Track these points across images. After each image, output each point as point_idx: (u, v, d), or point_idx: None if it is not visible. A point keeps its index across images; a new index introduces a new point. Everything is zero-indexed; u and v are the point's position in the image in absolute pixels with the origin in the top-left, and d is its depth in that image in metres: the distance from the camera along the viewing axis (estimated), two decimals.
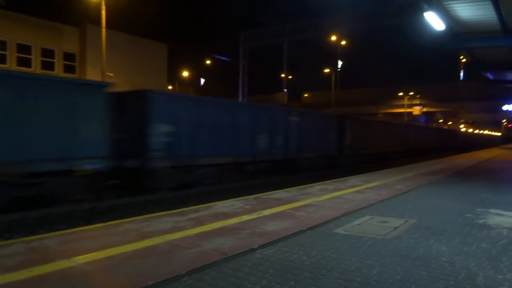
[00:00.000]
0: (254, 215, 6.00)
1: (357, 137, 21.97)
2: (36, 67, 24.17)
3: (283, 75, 38.24)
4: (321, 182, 10.51)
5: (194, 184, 12.33)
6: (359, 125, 22.91)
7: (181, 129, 11.63)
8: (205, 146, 12.41)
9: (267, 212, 6.28)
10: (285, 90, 37.09)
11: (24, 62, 23.54)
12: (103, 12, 20.49)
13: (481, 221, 5.74)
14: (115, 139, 9.97)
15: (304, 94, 68.14)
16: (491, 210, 6.60)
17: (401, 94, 57.27)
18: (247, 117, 14.32)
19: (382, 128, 26.53)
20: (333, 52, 42.09)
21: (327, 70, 48.12)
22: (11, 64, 22.86)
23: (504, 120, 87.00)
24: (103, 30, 20.68)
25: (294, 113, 17.34)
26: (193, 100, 13.11)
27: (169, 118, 11.30)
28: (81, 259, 3.83)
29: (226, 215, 5.99)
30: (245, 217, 5.85)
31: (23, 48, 23.71)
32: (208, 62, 52.10)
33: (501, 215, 6.24)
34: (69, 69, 25.98)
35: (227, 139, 13.29)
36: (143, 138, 10.80)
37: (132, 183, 11.40)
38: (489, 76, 21.54)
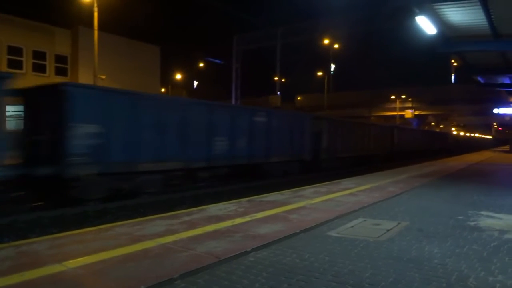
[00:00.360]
0: (247, 218, 5.99)
1: (335, 139, 20.66)
2: (27, 70, 23.96)
3: (276, 78, 38.33)
4: (314, 185, 10.53)
5: (134, 194, 10.78)
6: (338, 127, 21.47)
7: (113, 129, 9.99)
8: (146, 149, 10.77)
9: (260, 215, 6.28)
10: (278, 93, 37.16)
11: (15, 64, 23.33)
12: (95, 14, 20.42)
13: (472, 223, 5.79)
14: (29, 142, 8.97)
15: (297, 97, 68.39)
16: (482, 212, 6.66)
17: (393, 97, 57.72)
18: (202, 116, 12.60)
19: (364, 130, 24.93)
20: (326, 55, 42.38)
21: (320, 73, 48.39)
22: (1, 66, 22.63)
23: (495, 123, 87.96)
24: (96, 32, 20.60)
25: (260, 113, 15.60)
26: (129, 95, 10.99)
27: (96, 116, 9.70)
28: (73, 263, 3.79)
29: (219, 218, 5.97)
30: (238, 220, 5.84)
31: (14, 50, 23.49)
32: (201, 64, 52.14)
33: (492, 217, 6.30)
34: (61, 71, 25.78)
35: (174, 142, 11.58)
36: (61, 140, 9.19)
37: (51, 194, 9.91)
38: (480, 79, 21.79)
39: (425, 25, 10.90)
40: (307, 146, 18.08)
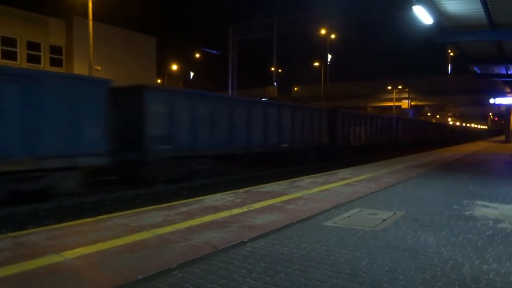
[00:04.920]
0: (244, 209, 6.01)
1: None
2: (21, 61, 23.72)
3: (272, 69, 38.19)
4: (311, 175, 10.56)
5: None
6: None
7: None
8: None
9: (257, 205, 6.30)
10: (275, 83, 37.07)
11: (9, 55, 23.09)
12: (90, 4, 20.18)
13: (467, 213, 5.84)
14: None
15: (294, 88, 68.21)
16: (478, 202, 6.72)
17: (389, 87, 57.69)
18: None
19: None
20: (322, 46, 42.21)
21: (316, 64, 48.22)
22: None
23: (491, 114, 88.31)
24: (90, 22, 20.37)
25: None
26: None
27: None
28: (70, 254, 3.80)
29: (216, 209, 5.99)
30: (236, 211, 5.86)
31: (8, 41, 23.22)
32: (197, 55, 51.75)
33: (487, 206, 6.36)
34: (55, 62, 25.55)
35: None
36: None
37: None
38: (476, 70, 21.78)
39: (422, 14, 10.86)
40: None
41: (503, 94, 30.86)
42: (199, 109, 12.59)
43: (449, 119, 78.63)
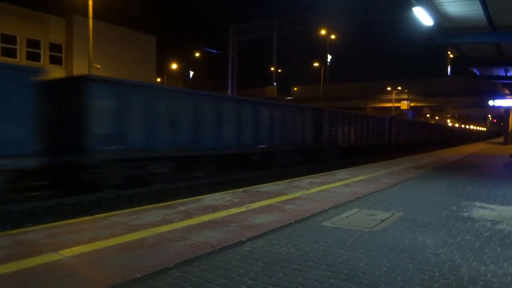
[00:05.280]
0: (243, 208, 6.01)
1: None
2: (21, 58, 23.71)
3: (272, 69, 38.21)
4: (310, 176, 10.57)
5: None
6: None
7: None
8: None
9: (256, 205, 6.30)
10: (274, 83, 37.08)
11: (9, 52, 23.07)
12: (90, 2, 20.17)
13: (465, 214, 5.85)
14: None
15: (293, 88, 68.26)
16: (476, 203, 6.73)
17: (389, 88, 57.76)
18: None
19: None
20: (322, 46, 42.20)
21: (316, 64, 48.24)
22: None
23: (490, 115, 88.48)
24: (90, 21, 20.37)
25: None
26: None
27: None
28: (68, 252, 3.80)
29: (214, 208, 5.99)
30: (234, 210, 5.86)
31: (8, 39, 23.21)
32: (197, 55, 51.75)
33: (485, 208, 6.37)
34: (55, 60, 25.53)
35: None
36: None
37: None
38: (476, 71, 21.84)
39: (422, 16, 10.88)
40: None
41: (502, 96, 30.94)
42: (157, 105, 11.20)
43: (448, 121, 78.72)
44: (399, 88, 57.88)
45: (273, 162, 16.34)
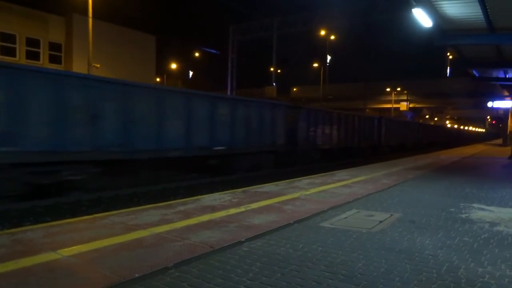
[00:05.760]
0: (241, 208, 6.02)
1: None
2: (20, 57, 23.70)
3: (272, 69, 38.23)
4: (309, 176, 10.58)
5: None
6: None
7: None
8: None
9: (255, 205, 6.31)
10: (274, 84, 37.11)
11: (8, 51, 23.05)
12: (90, 2, 20.16)
13: (464, 216, 5.86)
14: None
15: (293, 89, 68.31)
16: (474, 205, 6.74)
17: (388, 89, 57.84)
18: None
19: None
20: (322, 47, 42.26)
21: (316, 65, 48.28)
22: None
23: (488, 117, 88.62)
24: (90, 20, 20.36)
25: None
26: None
27: None
28: (67, 251, 3.80)
29: (213, 208, 6.00)
30: (233, 210, 5.87)
31: (7, 37, 23.19)
32: (196, 54, 51.78)
33: (484, 209, 6.38)
34: (55, 59, 25.52)
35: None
36: None
37: None
38: (475, 73, 21.88)
39: (422, 17, 10.90)
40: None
41: (501, 97, 30.98)
42: (71, 97, 9.21)
43: (447, 122, 78.87)
44: (399, 89, 57.97)
45: (236, 166, 14.12)
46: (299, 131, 17.62)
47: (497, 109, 38.65)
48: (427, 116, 74.70)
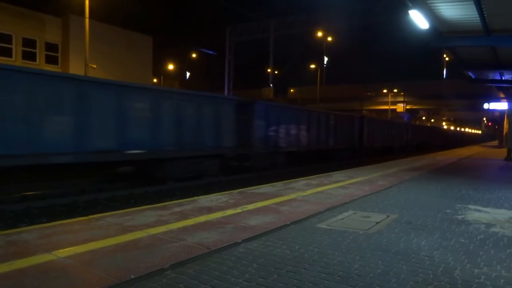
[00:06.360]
0: (238, 210, 6.01)
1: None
2: (17, 57, 23.61)
3: (269, 70, 38.26)
4: (306, 177, 10.58)
5: None
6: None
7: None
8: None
9: (252, 206, 6.30)
10: (271, 85, 37.14)
11: (4, 51, 22.95)
12: (87, 2, 20.12)
13: (460, 217, 5.88)
14: None
15: (290, 90, 68.34)
16: (470, 206, 6.76)
17: (385, 91, 57.96)
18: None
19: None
20: (319, 48, 42.30)
21: (313, 66, 48.34)
22: None
23: (484, 118, 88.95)
24: (87, 20, 20.31)
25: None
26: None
27: None
28: (62, 252, 3.78)
29: (210, 210, 5.98)
30: (229, 212, 5.85)
31: (3, 38, 23.09)
32: (194, 55, 51.74)
33: (479, 211, 6.40)
34: (51, 60, 25.43)
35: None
36: None
37: None
38: (471, 75, 21.95)
39: (418, 19, 10.94)
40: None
41: (497, 99, 31.07)
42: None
43: (444, 123, 79.15)
44: (395, 90, 58.06)
45: (163, 173, 11.65)
46: (256, 132, 15.14)
47: (493, 111, 38.82)
48: (423, 118, 74.94)
